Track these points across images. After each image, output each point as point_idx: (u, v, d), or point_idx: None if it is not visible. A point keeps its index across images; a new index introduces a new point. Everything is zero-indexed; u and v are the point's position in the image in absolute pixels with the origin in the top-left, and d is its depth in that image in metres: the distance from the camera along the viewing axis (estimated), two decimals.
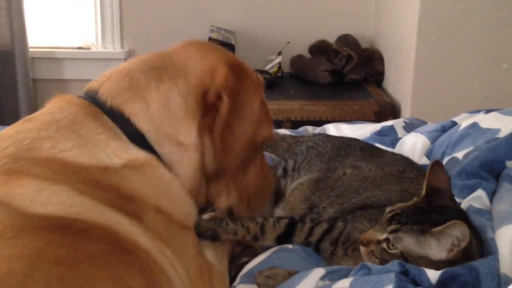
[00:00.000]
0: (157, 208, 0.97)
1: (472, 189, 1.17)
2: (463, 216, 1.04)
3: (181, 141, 1.02)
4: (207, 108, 1.02)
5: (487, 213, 1.09)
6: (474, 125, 1.39)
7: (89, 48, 3.27)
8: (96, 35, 3.25)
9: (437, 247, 0.96)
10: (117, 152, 0.97)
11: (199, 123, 1.02)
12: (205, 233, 1.13)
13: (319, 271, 1.03)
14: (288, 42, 3.13)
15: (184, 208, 1.04)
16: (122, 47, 3.22)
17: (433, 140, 1.53)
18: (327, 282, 1.00)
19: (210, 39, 2.92)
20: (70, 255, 0.83)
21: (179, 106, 1.01)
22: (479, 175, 1.19)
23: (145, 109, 1.00)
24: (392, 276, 0.91)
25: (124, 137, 0.99)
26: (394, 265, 0.94)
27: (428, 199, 1.05)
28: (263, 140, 1.10)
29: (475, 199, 1.14)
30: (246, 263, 1.18)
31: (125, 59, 3.17)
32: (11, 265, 0.78)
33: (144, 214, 0.95)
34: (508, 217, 1.04)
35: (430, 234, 0.97)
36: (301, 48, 3.17)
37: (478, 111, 1.54)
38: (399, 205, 1.06)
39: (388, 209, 1.06)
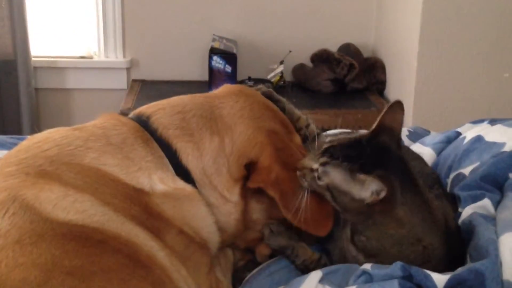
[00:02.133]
0: (180, 230, 0.99)
1: (476, 199, 1.17)
2: (398, 163, 1.03)
3: (225, 197, 1.07)
4: (248, 175, 1.07)
5: (492, 220, 1.09)
6: (479, 139, 1.39)
7: (91, 58, 3.28)
8: (99, 44, 3.26)
9: (360, 190, 0.98)
10: (164, 180, 0.99)
11: (241, 186, 1.08)
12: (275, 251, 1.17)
13: (317, 274, 1.03)
14: (290, 51, 3.14)
15: (209, 233, 1.06)
16: (124, 57, 3.23)
17: (438, 152, 1.53)
18: (327, 286, 1.00)
19: (212, 48, 2.93)
20: (85, 266, 0.83)
21: (223, 164, 1.06)
22: (483, 187, 1.20)
23: (196, 154, 1.04)
24: (395, 283, 0.90)
25: (171, 169, 1.02)
26: (396, 269, 0.94)
27: (373, 136, 1.04)
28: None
29: (480, 207, 1.14)
30: (247, 275, 1.19)
31: (127, 68, 3.19)
32: (25, 273, 0.79)
33: (166, 232, 0.96)
34: (510, 225, 1.04)
35: (355, 178, 0.99)
36: (303, 57, 3.18)
37: (481, 121, 1.54)
38: (340, 137, 1.09)
39: (327, 139, 1.09)
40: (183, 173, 1.04)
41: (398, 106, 1.06)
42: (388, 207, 1.00)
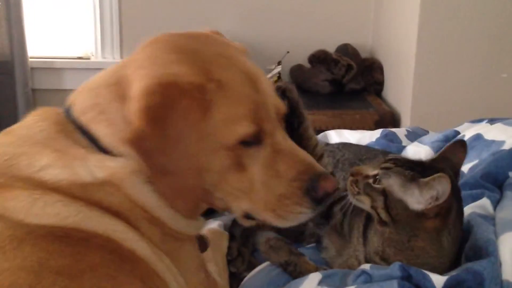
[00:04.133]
0: (149, 220, 0.95)
1: (475, 198, 1.17)
2: (455, 191, 1.04)
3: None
4: None
5: (491, 219, 1.09)
6: (479, 137, 1.39)
7: (88, 58, 3.27)
8: (96, 45, 3.25)
9: (418, 197, 0.98)
10: (99, 164, 0.93)
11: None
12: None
13: (316, 276, 1.03)
14: (288, 52, 3.13)
15: (171, 219, 0.98)
16: (121, 57, 3.23)
17: (436, 151, 1.52)
18: None
19: None
20: (72, 265, 0.82)
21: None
22: (483, 186, 1.20)
23: (111, 131, 0.95)
24: (394, 284, 0.90)
25: (99, 153, 0.95)
26: (395, 269, 0.93)
27: (434, 161, 1.06)
28: (241, 139, 0.94)
29: (479, 207, 1.14)
30: (245, 276, 1.19)
31: None
32: (13, 277, 0.78)
33: (139, 223, 0.94)
34: (510, 224, 1.03)
35: (416, 183, 0.98)
36: (301, 57, 3.18)
37: (480, 120, 1.54)
38: (404, 156, 1.09)
39: (390, 155, 1.09)
40: (109, 154, 0.95)
41: (461, 145, 1.08)
42: (440, 224, 0.99)
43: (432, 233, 1.00)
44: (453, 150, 1.07)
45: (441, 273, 0.95)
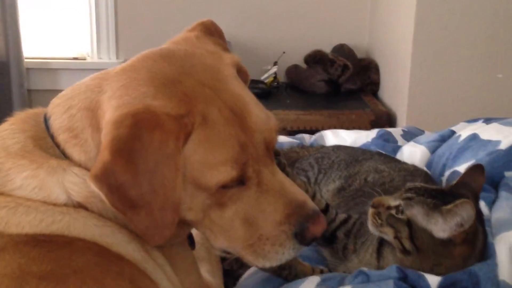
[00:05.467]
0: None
1: None
2: (479, 215, 1.04)
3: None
4: None
5: (486, 221, 1.09)
6: (475, 137, 1.39)
7: (84, 59, 3.26)
8: (92, 45, 3.25)
9: (442, 225, 0.97)
10: (72, 187, 0.90)
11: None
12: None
13: (314, 279, 1.03)
14: (284, 52, 3.13)
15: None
16: (117, 58, 3.22)
17: (432, 150, 1.52)
18: None
19: None
20: (56, 270, 0.81)
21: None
22: None
23: (83, 159, 0.91)
24: (391, 283, 0.90)
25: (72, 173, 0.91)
26: (392, 270, 0.94)
27: (454, 187, 1.06)
28: (222, 184, 0.89)
29: None
30: (241, 274, 1.18)
31: None
32: None
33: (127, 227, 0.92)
34: (506, 224, 1.04)
35: (439, 211, 0.98)
36: (297, 58, 3.18)
37: (476, 120, 1.54)
38: (423, 184, 1.07)
39: (409, 184, 1.07)
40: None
41: (479, 168, 1.08)
42: (468, 251, 0.98)
43: (458, 260, 0.98)
44: (471, 175, 1.07)
45: None
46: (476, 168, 1.08)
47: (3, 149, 0.93)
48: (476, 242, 0.99)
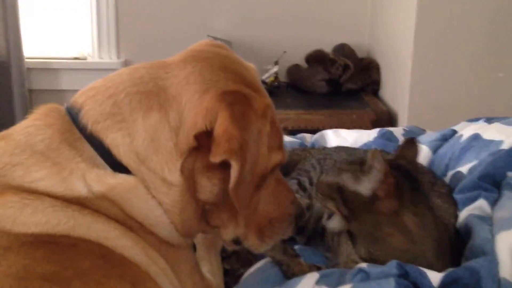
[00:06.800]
0: (144, 230, 0.94)
1: (472, 200, 1.17)
2: (412, 178, 1.10)
3: (166, 179, 0.93)
4: (198, 147, 0.92)
5: (488, 219, 1.10)
6: (477, 137, 1.38)
7: (85, 59, 3.27)
8: (92, 45, 3.25)
9: (366, 184, 1.05)
10: (101, 178, 0.90)
11: (183, 163, 0.93)
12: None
13: (313, 276, 1.03)
14: (285, 52, 3.13)
15: (161, 227, 0.96)
16: (118, 57, 3.22)
17: (434, 150, 1.52)
18: (323, 287, 1.00)
19: None
20: (59, 272, 0.81)
21: (167, 142, 0.92)
22: (480, 187, 1.20)
23: (127, 141, 0.92)
24: (392, 281, 0.90)
25: (106, 166, 0.92)
26: (392, 267, 0.93)
27: (393, 161, 1.14)
28: (274, 166, 0.98)
29: (476, 209, 1.14)
30: (242, 273, 1.19)
31: None
32: None
33: (134, 230, 0.93)
34: (507, 223, 1.04)
35: (362, 171, 1.06)
36: (298, 57, 3.18)
37: (477, 119, 1.53)
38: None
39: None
40: (119, 168, 0.92)
41: (411, 143, 1.20)
42: (395, 204, 1.04)
43: (392, 216, 1.04)
44: (406, 147, 1.19)
45: (439, 270, 0.95)
46: (408, 141, 1.20)
47: (27, 146, 0.93)
48: (403, 197, 1.05)
